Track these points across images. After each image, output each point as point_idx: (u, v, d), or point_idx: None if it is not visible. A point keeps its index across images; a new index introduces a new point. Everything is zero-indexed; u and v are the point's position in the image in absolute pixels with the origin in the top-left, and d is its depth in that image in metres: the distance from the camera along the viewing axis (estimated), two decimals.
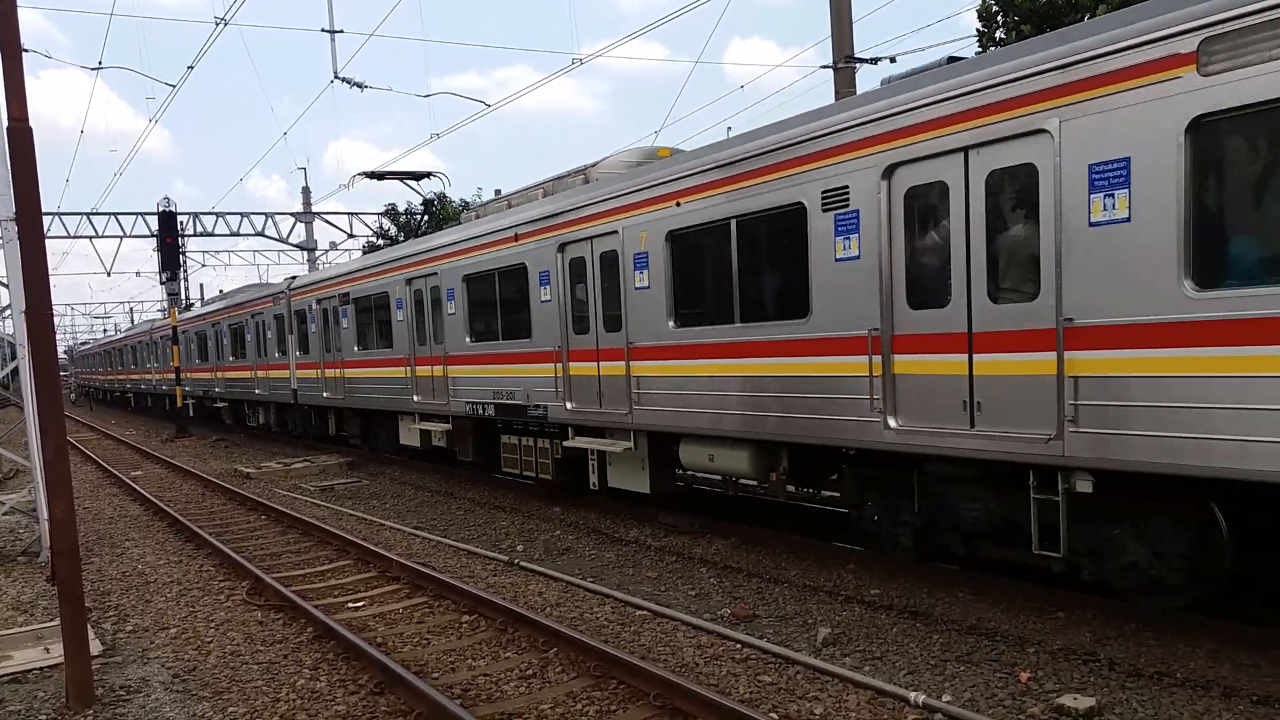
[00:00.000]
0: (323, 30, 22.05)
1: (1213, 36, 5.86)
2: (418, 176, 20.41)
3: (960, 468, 7.82)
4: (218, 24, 18.75)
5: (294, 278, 24.36)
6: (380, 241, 36.50)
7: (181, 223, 34.03)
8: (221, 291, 35.40)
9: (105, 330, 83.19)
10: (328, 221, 38.59)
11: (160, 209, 31.32)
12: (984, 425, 7.35)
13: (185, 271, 41.59)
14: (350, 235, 38.12)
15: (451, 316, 15.03)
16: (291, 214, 37.76)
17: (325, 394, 20.98)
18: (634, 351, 11.06)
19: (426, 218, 36.26)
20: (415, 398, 16.47)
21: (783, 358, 8.98)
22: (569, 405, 12.31)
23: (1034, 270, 7.00)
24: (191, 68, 20.74)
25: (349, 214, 38.33)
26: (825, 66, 19.54)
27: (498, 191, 37.63)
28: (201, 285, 70.15)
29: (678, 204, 10.16)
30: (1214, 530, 6.62)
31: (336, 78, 22.02)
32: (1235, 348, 5.90)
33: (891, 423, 8.10)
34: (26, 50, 7.15)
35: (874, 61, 19.73)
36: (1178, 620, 7.03)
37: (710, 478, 13.31)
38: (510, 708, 6.30)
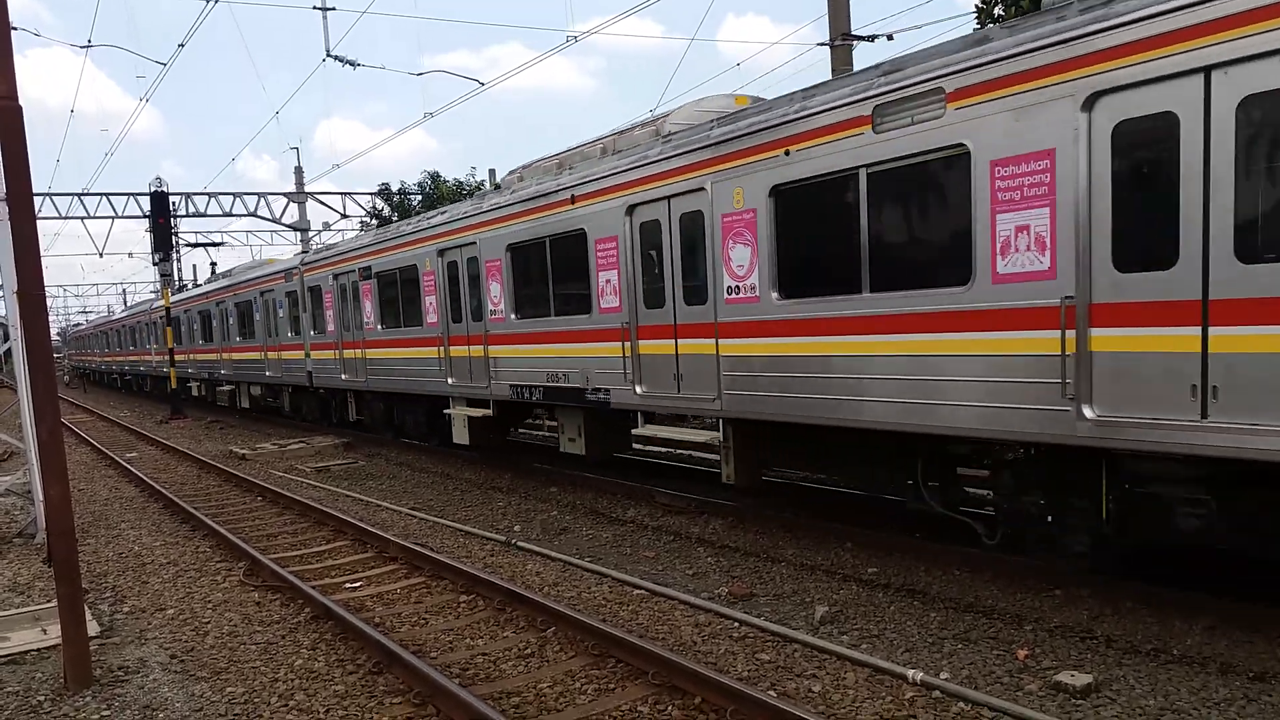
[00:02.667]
0: (314, 8, 21.84)
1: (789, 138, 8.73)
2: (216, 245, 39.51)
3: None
4: (208, 1, 18.54)
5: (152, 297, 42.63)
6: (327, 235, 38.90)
7: (174, 203, 33.79)
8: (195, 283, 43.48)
9: (87, 314, 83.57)
10: (320, 202, 38.38)
11: (152, 189, 31.09)
12: (685, 390, 10.35)
13: (178, 252, 41.35)
14: (344, 215, 37.93)
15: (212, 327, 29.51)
16: (284, 194, 37.50)
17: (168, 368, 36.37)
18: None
19: (420, 198, 36.09)
20: (189, 370, 32.54)
21: (575, 343, 11.90)
22: (265, 379, 25.64)
23: (705, 282, 9.77)
24: (182, 45, 20.52)
25: (342, 194, 38.13)
26: (822, 44, 19.41)
27: (491, 173, 37.48)
28: (194, 266, 69.80)
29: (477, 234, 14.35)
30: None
31: (329, 56, 21.81)
32: (802, 337, 8.80)
33: (638, 389, 11.12)
34: (14, 28, 7.06)
35: (871, 39, 19.59)
36: (1174, 597, 7.06)
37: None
38: (509, 686, 6.31)
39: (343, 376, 19.14)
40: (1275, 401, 5.69)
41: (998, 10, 12.74)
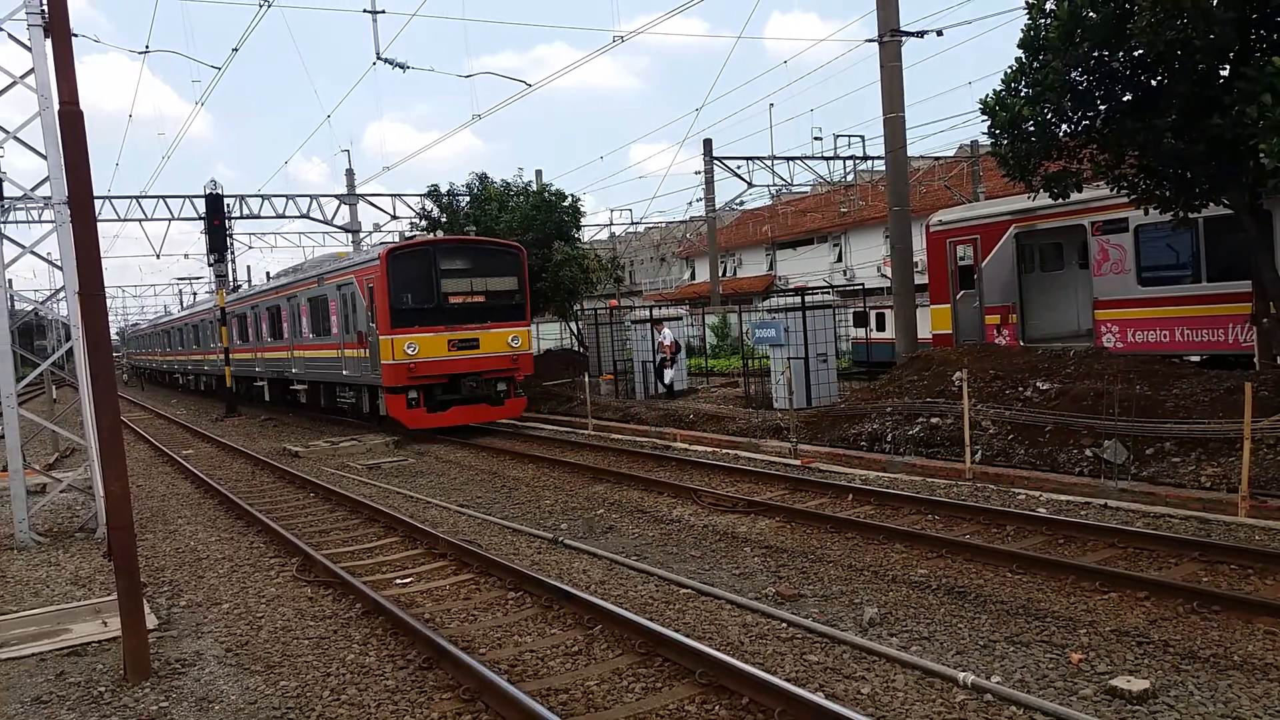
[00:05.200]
0: (365, 11, 22.14)
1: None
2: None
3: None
4: (262, 6, 18.89)
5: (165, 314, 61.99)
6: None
7: (228, 205, 34.42)
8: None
9: (145, 314, 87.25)
10: (371, 203, 38.90)
11: (207, 191, 31.71)
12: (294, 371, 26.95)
13: (232, 254, 42.17)
14: (394, 217, 38.36)
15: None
16: (336, 196, 38.07)
17: (163, 365, 54.68)
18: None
19: (468, 199, 36.32)
20: (176, 367, 50.41)
21: (317, 351, 24.38)
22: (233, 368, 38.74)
23: (366, 322, 21.66)
24: (236, 50, 20.93)
25: (392, 195, 38.61)
26: (870, 40, 19.23)
27: (538, 174, 37.72)
28: (249, 267, 71.58)
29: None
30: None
31: (379, 58, 22.10)
32: (309, 351, 25.99)
33: (345, 371, 22.20)
34: (75, 35, 7.23)
35: (920, 35, 19.36)
36: (1234, 600, 6.90)
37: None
38: (556, 684, 6.34)
39: (228, 368, 33.51)
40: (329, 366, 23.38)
41: (1049, 5, 12.50)
